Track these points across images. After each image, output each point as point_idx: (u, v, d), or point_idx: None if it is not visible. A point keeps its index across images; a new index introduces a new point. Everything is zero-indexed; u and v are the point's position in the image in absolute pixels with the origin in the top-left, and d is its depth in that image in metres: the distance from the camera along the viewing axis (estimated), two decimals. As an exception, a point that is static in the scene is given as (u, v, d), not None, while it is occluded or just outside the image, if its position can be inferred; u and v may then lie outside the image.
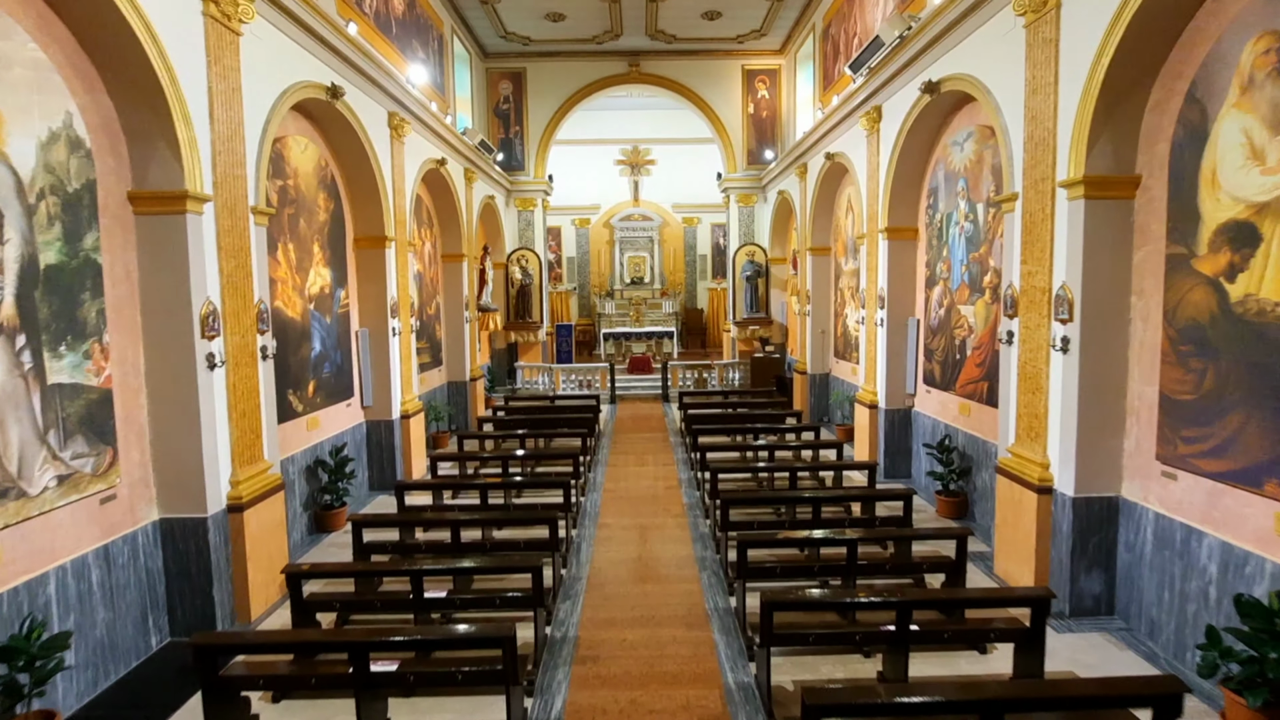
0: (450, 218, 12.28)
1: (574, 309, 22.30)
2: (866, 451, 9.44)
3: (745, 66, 16.47)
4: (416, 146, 10.06)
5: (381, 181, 8.65)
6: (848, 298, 11.70)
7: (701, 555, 6.67)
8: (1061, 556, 5.38)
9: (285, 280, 7.01)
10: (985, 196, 7.13)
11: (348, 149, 8.17)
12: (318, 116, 7.66)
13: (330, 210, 8.03)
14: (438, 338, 12.16)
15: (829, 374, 12.89)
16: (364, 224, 8.72)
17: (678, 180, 21.69)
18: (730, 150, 16.62)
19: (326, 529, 7.54)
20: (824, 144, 11.56)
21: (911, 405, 9.05)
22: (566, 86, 16.38)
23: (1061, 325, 5.34)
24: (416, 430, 9.57)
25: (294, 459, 7.15)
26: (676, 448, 11.18)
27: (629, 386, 16.42)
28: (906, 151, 8.43)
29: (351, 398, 8.55)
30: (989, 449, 7.13)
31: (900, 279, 8.95)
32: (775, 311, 16.66)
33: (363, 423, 8.87)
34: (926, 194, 8.53)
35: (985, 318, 7.20)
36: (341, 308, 8.30)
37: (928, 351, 8.58)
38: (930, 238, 8.47)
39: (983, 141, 7.15)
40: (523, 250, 16.49)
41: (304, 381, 7.38)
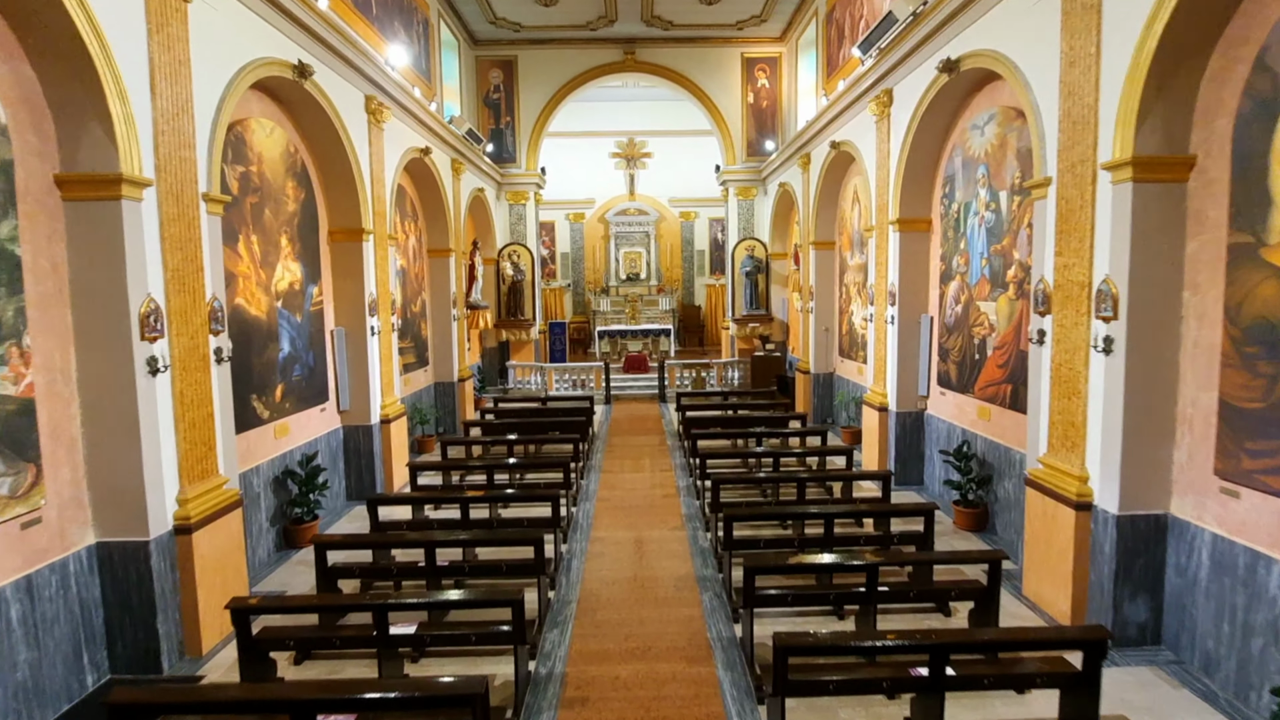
0: (436, 210, 11.69)
1: (568, 306, 21.73)
2: (876, 457, 8.91)
3: (745, 54, 15.89)
4: (398, 134, 9.47)
5: (358, 170, 8.06)
6: (854, 294, 11.16)
7: (702, 573, 6.13)
8: (1102, 580, 4.85)
9: (248, 275, 6.43)
10: (1010, 183, 6.59)
11: (320, 134, 7.58)
12: (285, 98, 7.07)
13: (300, 200, 7.45)
14: (423, 336, 11.58)
15: (833, 374, 12.35)
16: (339, 215, 8.13)
17: (674, 173, 21.11)
18: (729, 142, 16.05)
19: (296, 545, 6.97)
20: (828, 132, 11.00)
21: (924, 408, 8.51)
22: (559, 75, 15.79)
23: (1104, 323, 4.80)
24: (398, 435, 9.00)
25: (259, 470, 6.58)
26: (674, 451, 10.63)
27: (625, 386, 15.88)
28: (920, 137, 7.88)
29: (326, 402, 7.97)
30: (1013, 457, 6.60)
31: (912, 274, 8.41)
32: (776, 308, 16.12)
33: (339, 428, 8.30)
34: (941, 183, 7.98)
35: (1009, 315, 6.66)
36: (314, 305, 7.72)
37: (942, 351, 8.04)
38: (946, 229, 7.92)
39: (1006, 124, 6.60)
40: (514, 245, 15.90)
41: (270, 385, 6.80)
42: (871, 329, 9.39)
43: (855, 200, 10.94)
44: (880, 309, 8.97)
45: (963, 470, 7.13)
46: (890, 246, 8.65)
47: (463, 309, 12.77)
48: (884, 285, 8.83)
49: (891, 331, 8.66)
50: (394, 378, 9.11)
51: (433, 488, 7.29)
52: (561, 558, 6.47)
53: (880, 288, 8.95)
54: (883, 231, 8.84)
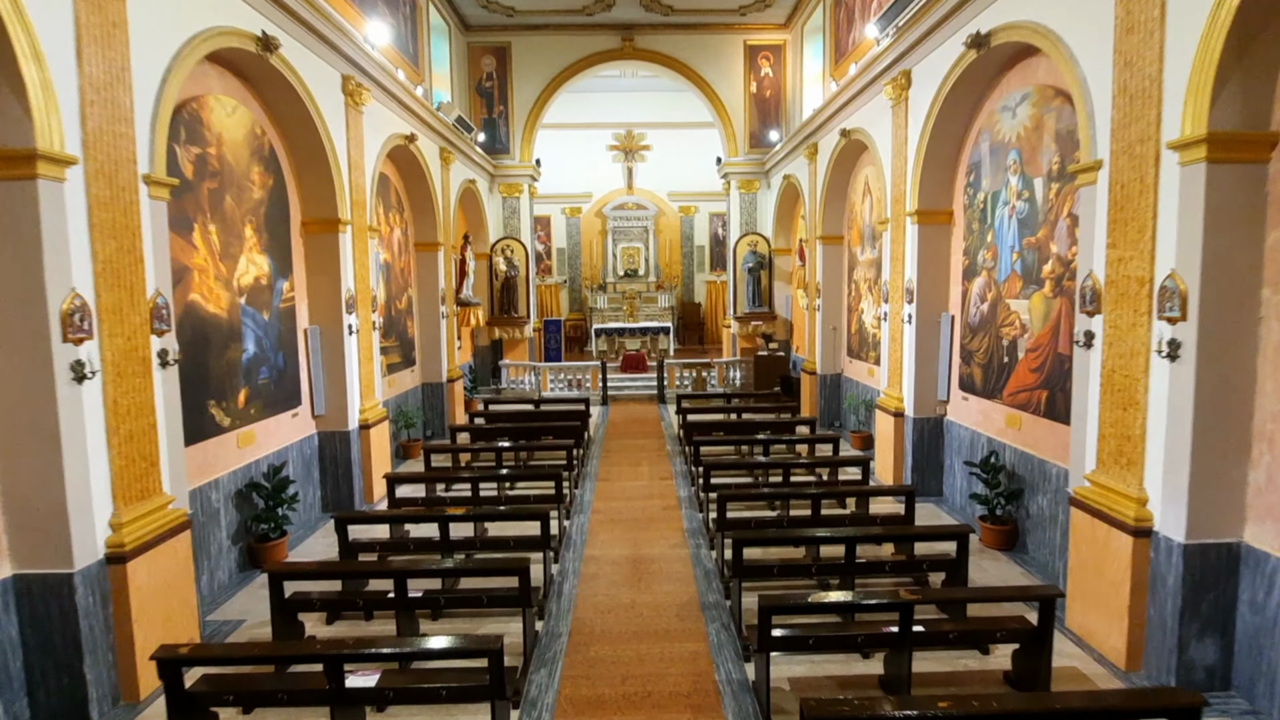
0: (424, 202, 11.06)
1: (564, 303, 21.12)
2: (891, 465, 8.32)
3: (747, 41, 15.27)
4: (379, 118, 8.84)
5: (334, 156, 7.44)
6: (864, 291, 10.56)
7: (707, 599, 5.54)
8: (1164, 616, 4.27)
9: (205, 269, 5.81)
10: (1046, 169, 5.99)
11: (290, 115, 6.95)
12: (250, 74, 6.44)
13: (268, 187, 6.82)
14: (410, 335, 10.96)
15: (841, 375, 11.76)
16: (314, 204, 7.51)
17: (674, 167, 20.49)
18: (731, 132, 15.44)
19: (262, 564, 6.35)
20: (838, 120, 10.39)
21: (943, 413, 7.92)
22: (555, 63, 15.15)
23: (1169, 325, 4.21)
24: (379, 441, 8.39)
25: (219, 484, 5.97)
26: (674, 457, 10.04)
27: (622, 386, 15.27)
28: (942, 122, 7.27)
29: (298, 406, 7.36)
30: (1048, 470, 6.01)
31: (932, 269, 7.81)
32: (779, 306, 15.53)
33: (314, 434, 7.69)
34: (965, 171, 7.38)
35: (1044, 314, 6.06)
36: (285, 302, 7.10)
37: (965, 353, 7.45)
38: (970, 221, 7.32)
39: (1043, 104, 6.00)
40: (507, 240, 15.28)
41: (232, 390, 6.19)
42: (885, 329, 8.80)
43: (866, 192, 10.33)
44: (896, 307, 8.38)
45: (990, 483, 6.55)
46: (907, 240, 8.06)
47: (452, 306, 12.16)
48: (900, 282, 8.24)
49: (908, 331, 8.07)
50: (375, 379, 8.50)
51: (413, 501, 6.69)
52: (552, 580, 5.87)
53: (896, 284, 8.35)
54: (899, 224, 8.24)
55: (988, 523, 6.57)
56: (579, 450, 9.07)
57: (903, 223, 8.14)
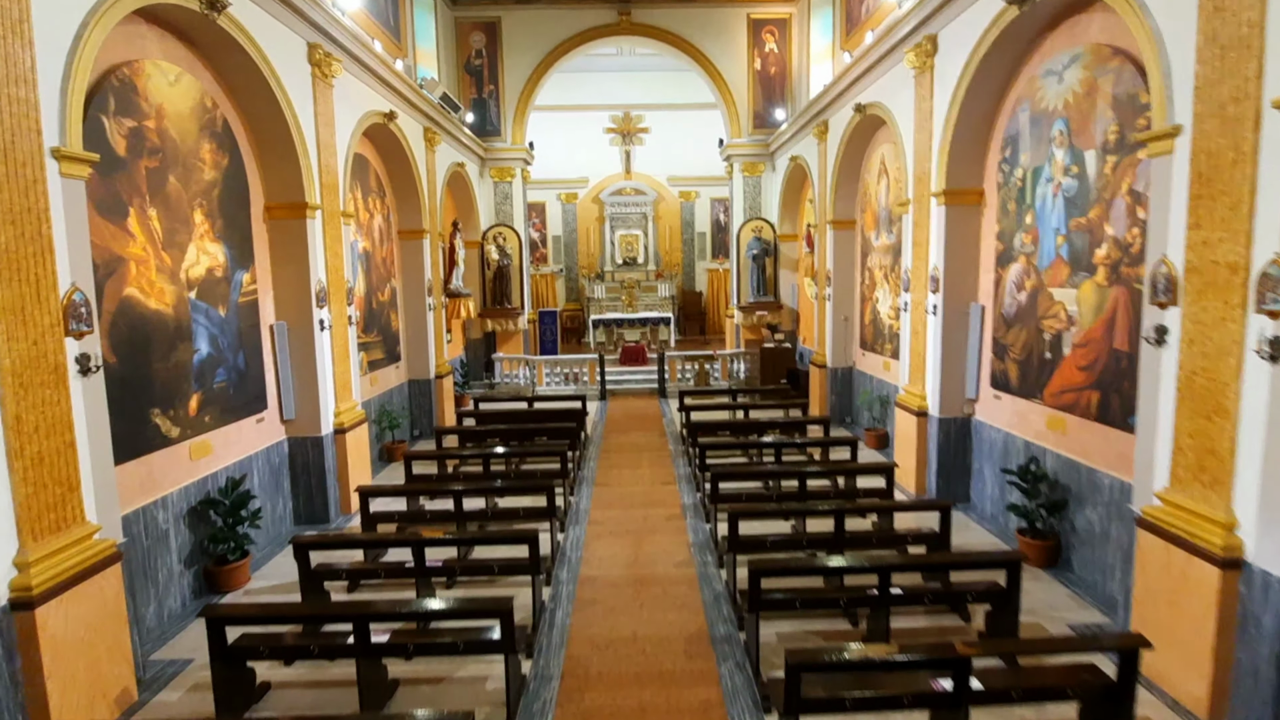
0: (407, 186, 10.33)
1: (560, 293, 20.39)
2: (913, 469, 7.65)
3: (751, 15, 14.45)
4: (353, 93, 8.09)
5: (299, 133, 6.71)
6: (879, 279, 9.86)
7: (718, 632, 4.89)
8: (1257, 661, 3.63)
9: (144, 259, 5.11)
10: (1101, 140, 5.27)
11: (246, 86, 6.22)
12: (198, 38, 5.71)
13: (223, 167, 6.10)
14: (393, 329, 10.26)
15: (853, 368, 11.08)
16: (277, 187, 6.79)
17: (673, 150, 19.69)
18: (734, 113, 14.65)
19: (221, 589, 5.71)
20: (852, 94, 9.64)
21: (972, 413, 7.25)
22: (547, 39, 14.33)
23: (1271, 320, 3.52)
24: (357, 446, 7.71)
25: (167, 502, 5.30)
26: (677, 458, 9.38)
27: (621, 380, 14.60)
28: (974, 90, 6.54)
29: (263, 411, 6.68)
30: (1099, 481, 5.35)
31: (960, 255, 7.11)
32: (785, 295, 14.82)
33: (283, 440, 7.01)
34: (1000, 145, 6.66)
35: (1097, 305, 5.37)
36: (245, 295, 6.40)
37: (998, 347, 6.77)
38: (1004, 202, 6.61)
39: (1097, 65, 5.28)
40: (500, 227, 14.54)
41: (181, 396, 5.50)
42: (906, 320, 8.11)
43: (882, 172, 9.60)
44: (918, 297, 7.68)
45: (1030, 493, 5.89)
46: (932, 223, 7.35)
47: (440, 297, 11.45)
48: (923, 269, 7.54)
49: (933, 323, 7.38)
50: (352, 378, 7.81)
51: (391, 516, 6.02)
52: (544, 608, 5.22)
53: (919, 272, 7.65)
54: (922, 206, 7.52)
55: (1027, 536, 5.92)
56: (575, 452, 8.41)
57: (927, 204, 7.42)
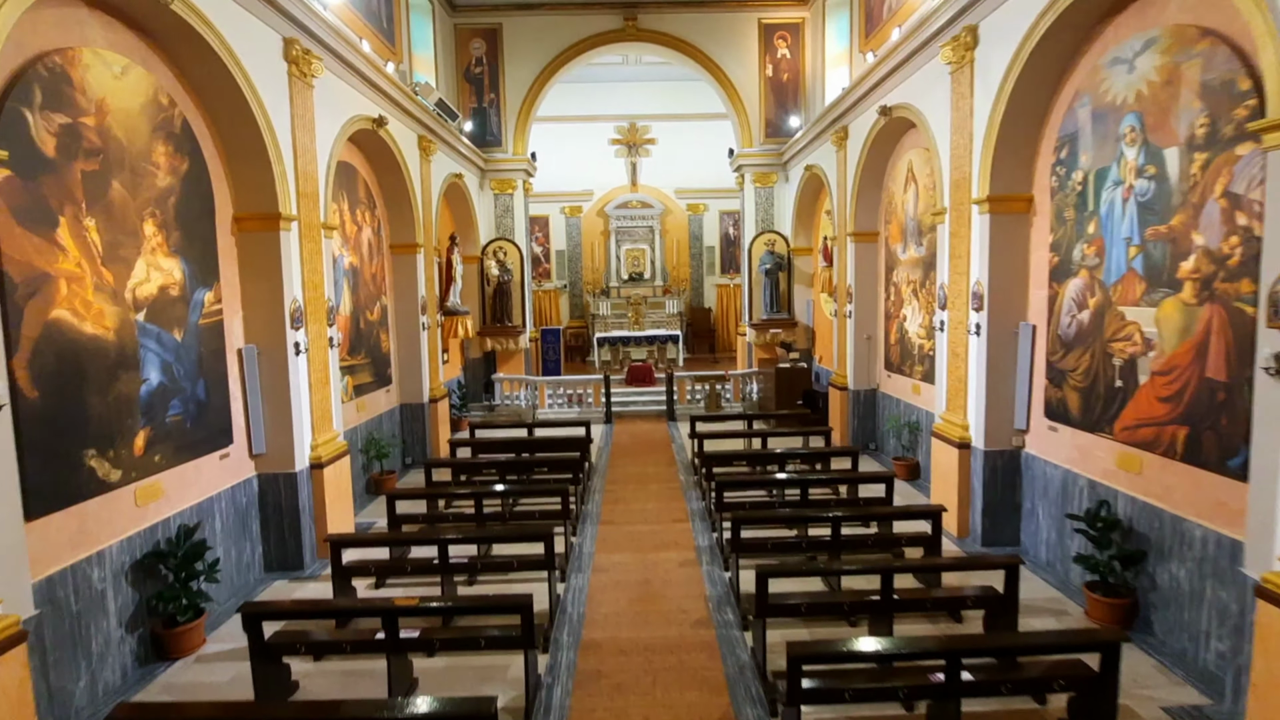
0: (400, 198, 9.68)
1: (564, 310, 19.72)
2: (954, 507, 6.85)
3: (762, 20, 13.86)
4: (337, 95, 7.45)
5: (272, 136, 6.05)
6: (907, 294, 9.13)
7: (745, 713, 4.11)
8: None
9: (78, 276, 4.42)
10: (1186, 135, 4.55)
11: (210, 83, 5.57)
12: (152, 27, 5.07)
13: (181, 173, 5.43)
14: (384, 350, 9.56)
15: (876, 390, 10.32)
16: (248, 196, 6.12)
17: (681, 162, 19.08)
18: (745, 121, 14.03)
19: (172, 655, 4.96)
20: (875, 97, 8.96)
21: (1022, 446, 6.47)
22: (550, 46, 13.77)
23: None
24: (338, 481, 6.97)
25: (104, 557, 4.57)
26: (688, 490, 8.60)
27: (628, 402, 13.85)
28: (1023, 85, 5.85)
29: (228, 446, 5.95)
30: (1187, 532, 4.57)
31: (1006, 269, 6.38)
32: (800, 311, 14.10)
33: (252, 478, 6.29)
34: (1053, 146, 5.95)
35: (1183, 326, 4.62)
36: (207, 317, 5.71)
37: (1054, 373, 6.00)
38: (1060, 209, 5.88)
39: (1180, 49, 4.57)
40: (500, 241, 13.90)
41: (124, 433, 4.79)
42: (942, 341, 7.36)
43: (910, 180, 8.90)
44: (958, 315, 6.94)
45: (1100, 542, 5.10)
46: (973, 234, 6.62)
47: (434, 316, 10.77)
48: (964, 284, 6.80)
49: (975, 344, 6.63)
50: (333, 406, 7.09)
51: (365, 569, 5.27)
52: (539, 685, 4.44)
53: (957, 288, 6.91)
54: (961, 215, 6.80)
55: (1097, 593, 5.12)
56: (578, 486, 7.65)
57: (967, 213, 6.70)
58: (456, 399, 12.68)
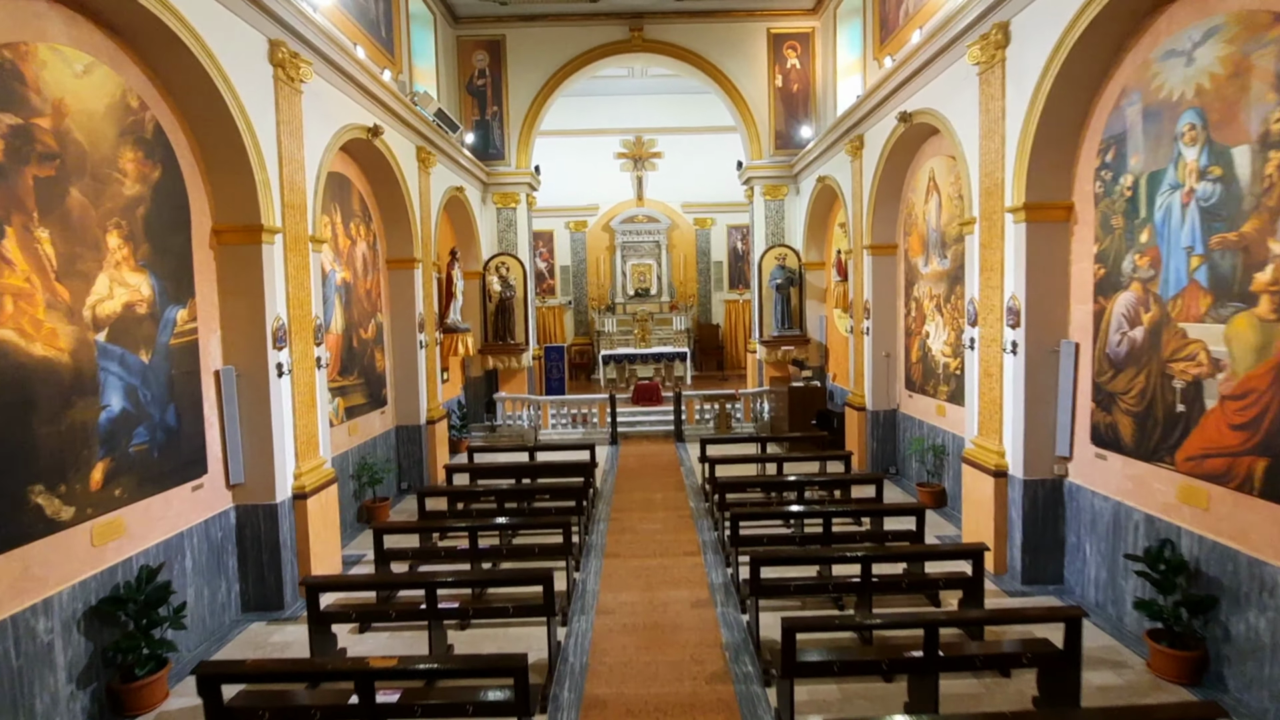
0: (397, 211, 9.29)
1: (569, 327, 19.28)
2: (990, 542, 6.30)
3: (771, 30, 13.54)
4: (329, 102, 7.08)
5: (254, 143, 5.66)
6: (929, 310, 8.64)
7: (772, 791, 3.58)
8: None
9: (26, 293, 3.99)
10: (1258, 132, 4.08)
11: (187, 85, 5.19)
12: (121, 23, 4.70)
13: (152, 181, 5.03)
14: (378, 370, 9.12)
15: (896, 411, 9.79)
16: (228, 207, 5.71)
17: (688, 176, 18.72)
18: (754, 133, 13.65)
19: (127, 712, 4.46)
20: (893, 103, 8.55)
21: (1065, 474, 5.94)
22: (555, 57, 13.47)
23: None
24: (324, 512, 6.49)
25: (52, 605, 4.09)
26: (699, 520, 8.07)
27: (634, 422, 13.35)
28: (1063, 84, 5.41)
29: (201, 476, 5.49)
30: (1265, 575, 4.04)
31: (1045, 282, 5.89)
32: (812, 328, 13.61)
33: (229, 509, 5.81)
34: (1096, 149, 5.49)
35: (1257, 345, 4.11)
36: (179, 337, 5.27)
37: (1101, 395, 5.49)
38: (1106, 215, 5.41)
39: (1248, 37, 4.11)
40: (503, 256, 13.50)
41: (79, 465, 4.33)
42: (972, 359, 6.85)
43: (932, 189, 8.45)
44: (990, 332, 6.44)
45: (1163, 586, 4.56)
46: (1007, 245, 6.15)
47: (433, 334, 10.33)
48: (997, 299, 6.31)
49: (1011, 364, 6.12)
50: (319, 431, 6.63)
51: (346, 615, 4.77)
52: (535, 752, 3.92)
53: (989, 303, 6.42)
54: (992, 224, 6.33)
55: (1161, 643, 4.57)
56: (582, 517, 7.15)
57: (999, 222, 6.23)
58: (456, 419, 12.21)
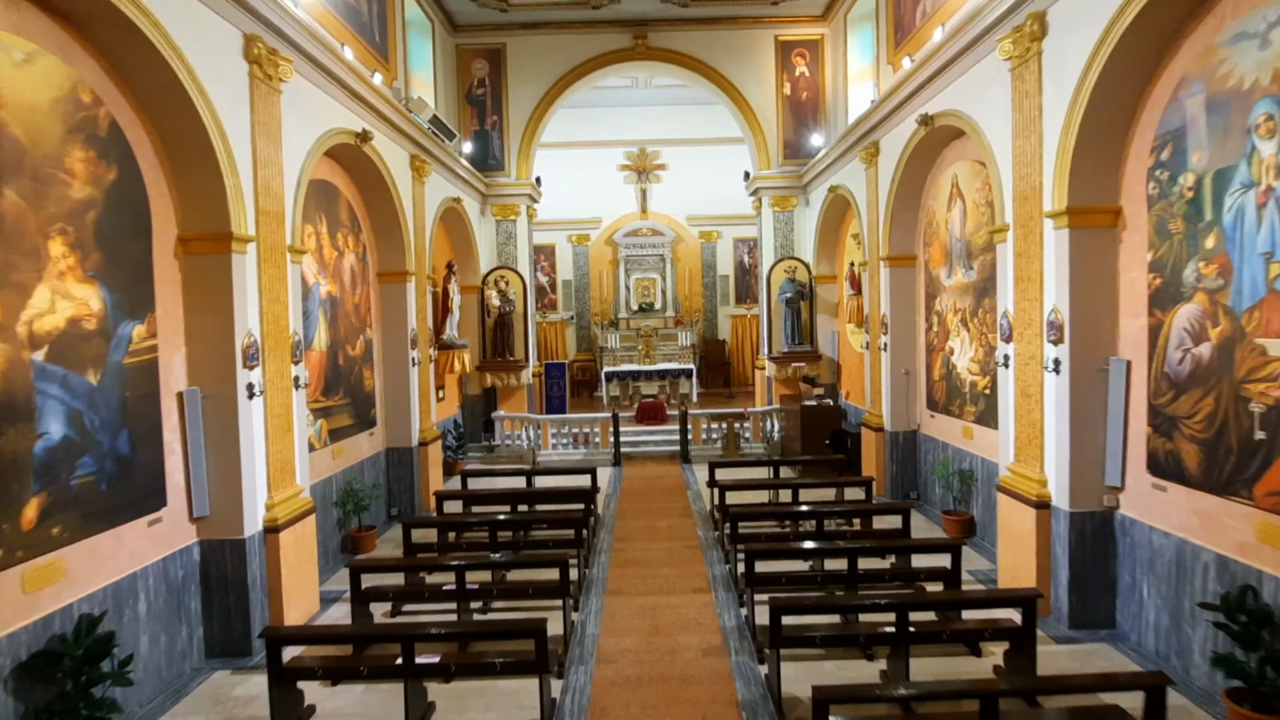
0: (389, 221, 8.83)
1: (571, 342, 18.78)
2: (1031, 578, 5.71)
3: (779, 37, 13.15)
4: (312, 104, 6.63)
5: (225, 145, 5.20)
6: (954, 325, 8.10)
7: None
8: None
9: (-57, 306, 3.49)
10: (1358, 120, 3.56)
11: (149, 80, 4.73)
12: (72, 11, 4.25)
13: (107, 183, 4.55)
14: (366, 389, 8.60)
15: (917, 432, 9.22)
16: (195, 213, 5.24)
17: (693, 188, 18.28)
18: (762, 142, 13.22)
19: (59, 784, 3.89)
20: (912, 106, 8.08)
21: (1116, 506, 5.36)
22: (556, 66, 13.09)
23: None
24: (299, 545, 5.94)
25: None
26: (709, 552, 7.49)
27: (638, 442, 12.78)
28: (1110, 76, 4.91)
29: (160, 509, 4.96)
30: (1386, 636, 3.45)
31: (1091, 293, 5.35)
32: (823, 343, 13.08)
33: (192, 545, 5.27)
34: (1149, 146, 4.98)
35: (1361, 365, 3.57)
36: (135, 355, 4.77)
37: (1161, 419, 4.93)
38: (1162, 219, 4.88)
39: (1341, 13, 3.61)
40: (502, 270, 13.03)
41: (6, 502, 3.80)
42: (1007, 378, 6.30)
43: (955, 196, 7.95)
44: (1028, 348, 5.90)
45: (1244, 639, 3.97)
46: (1047, 253, 5.62)
47: (426, 350, 9.83)
48: (1034, 313, 5.77)
49: (1053, 384, 5.57)
50: (295, 457, 6.10)
51: (311, 672, 4.21)
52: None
53: (1027, 316, 5.88)
54: (1030, 232, 5.81)
55: (1244, 705, 3.97)
56: (581, 550, 6.58)
57: (1037, 229, 5.71)
58: (452, 440, 11.68)
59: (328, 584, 6.77)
